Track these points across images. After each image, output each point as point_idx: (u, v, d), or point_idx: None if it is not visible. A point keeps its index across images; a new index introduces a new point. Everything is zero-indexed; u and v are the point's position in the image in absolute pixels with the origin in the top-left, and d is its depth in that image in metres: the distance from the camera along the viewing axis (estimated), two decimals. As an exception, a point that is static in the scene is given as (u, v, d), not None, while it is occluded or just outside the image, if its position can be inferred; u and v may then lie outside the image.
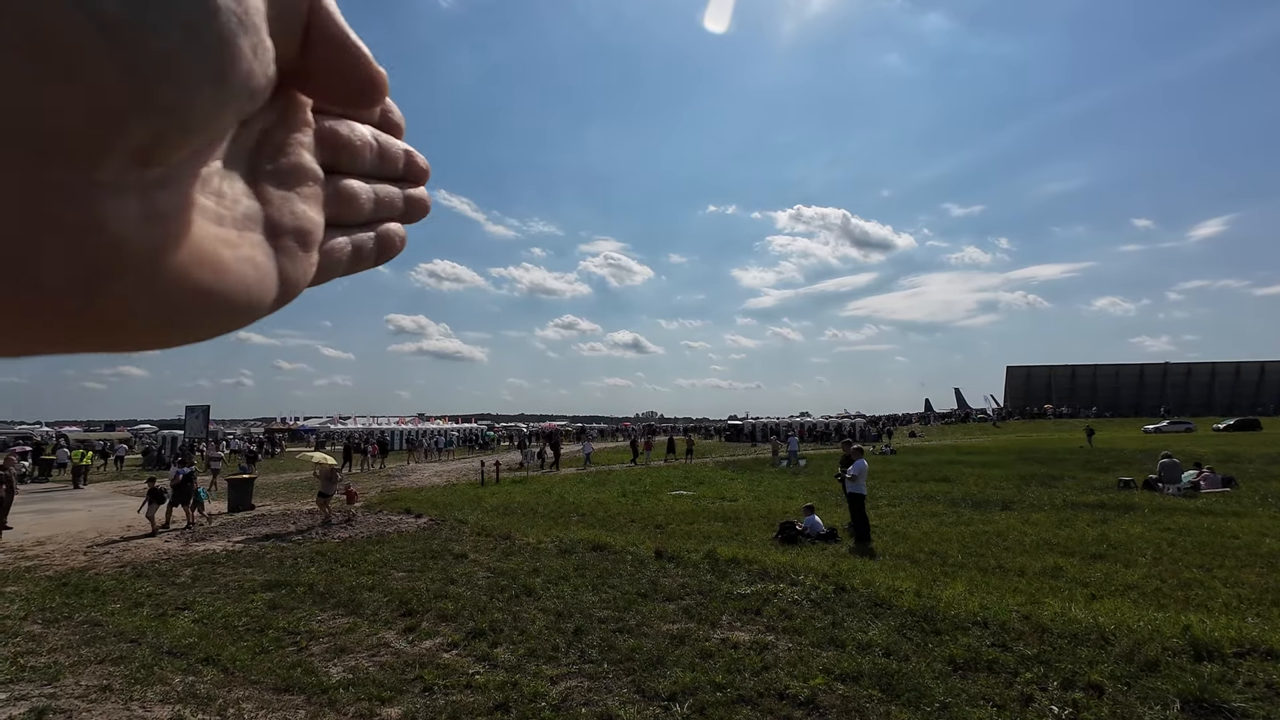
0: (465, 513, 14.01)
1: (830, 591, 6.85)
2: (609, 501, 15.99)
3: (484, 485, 20.08)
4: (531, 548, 10.14)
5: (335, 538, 11.54)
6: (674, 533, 11.26)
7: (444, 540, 10.91)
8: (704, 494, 17.35)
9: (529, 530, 11.65)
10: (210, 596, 7.64)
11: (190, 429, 35.03)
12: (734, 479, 21.32)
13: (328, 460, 15.26)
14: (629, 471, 25.12)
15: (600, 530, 11.70)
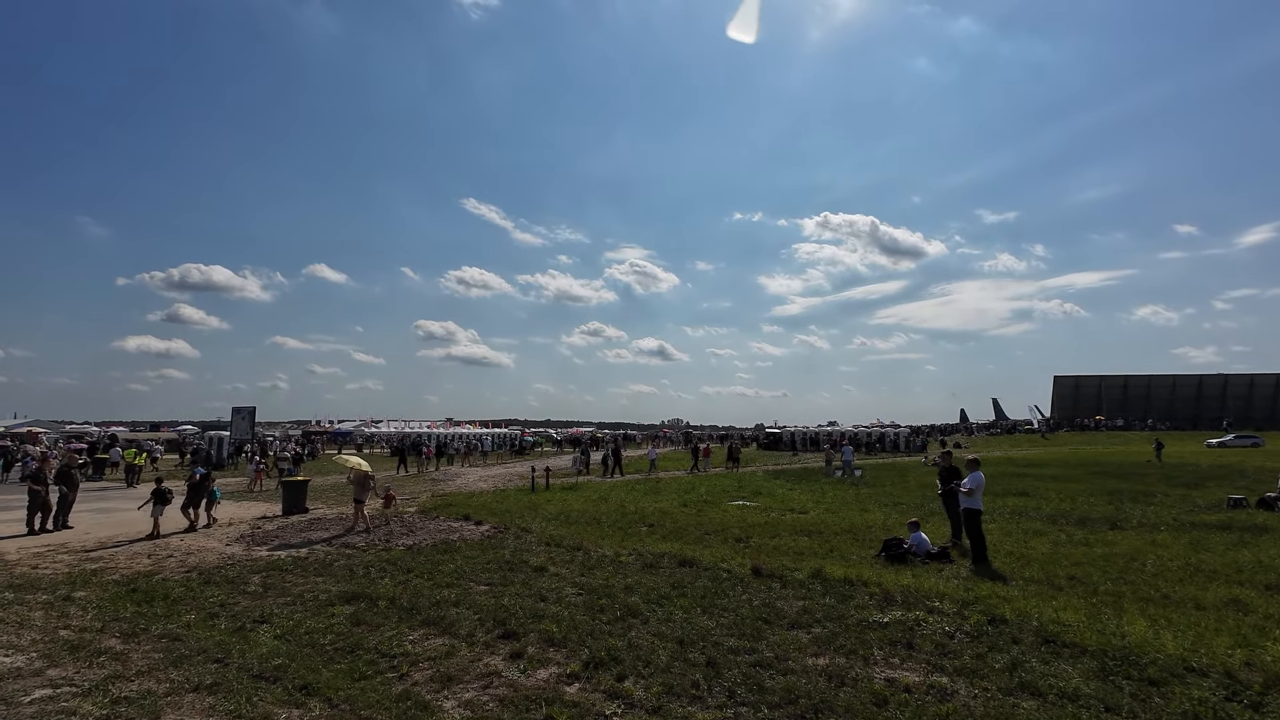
0: (526, 520, 13.43)
1: (983, 622, 6.00)
2: (672, 511, 15.25)
3: (535, 491, 19.52)
4: (610, 560, 9.47)
5: (400, 545, 11.02)
6: (760, 548, 10.46)
7: (514, 550, 10.31)
8: (768, 504, 16.50)
9: (601, 541, 10.99)
10: (286, 608, 7.11)
11: (236, 430, 35.32)
12: (792, 489, 20.39)
13: (362, 465, 14.81)
14: (681, 479, 24.33)
15: (675, 542, 10.98)
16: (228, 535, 12.61)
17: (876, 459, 38.55)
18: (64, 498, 13.67)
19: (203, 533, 13.06)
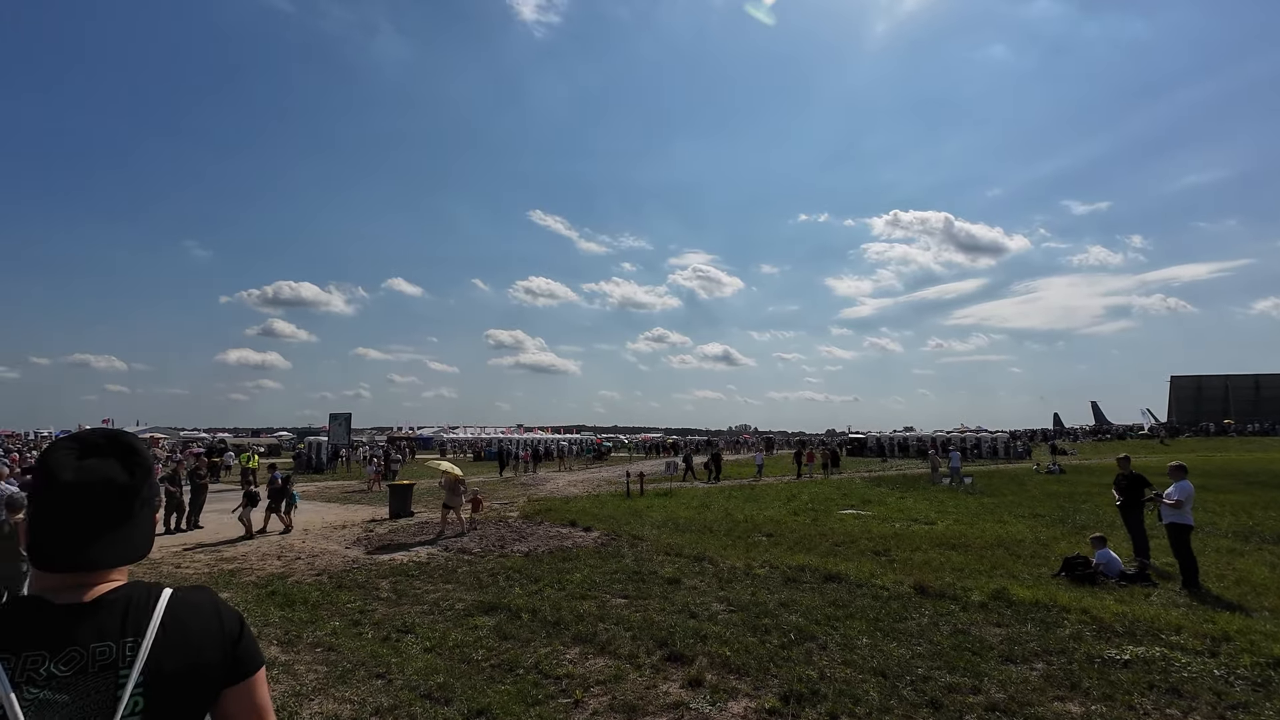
0: (634, 527, 12.90)
1: (1263, 665, 4.89)
2: (784, 520, 14.35)
3: (630, 497, 19.04)
4: (744, 573, 8.75)
5: (515, 551, 10.71)
6: (907, 563, 9.47)
7: (635, 559, 9.78)
8: (884, 514, 15.30)
9: (724, 551, 10.29)
10: (426, 618, 6.80)
11: (334, 435, 36.94)
12: (903, 497, 18.99)
13: (454, 470, 14.66)
14: (777, 485, 23.27)
15: (806, 554, 10.13)
16: (345, 538, 12.73)
17: (977, 465, 35.91)
18: (195, 499, 14.27)
19: (317, 534, 13.27)
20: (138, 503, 1.11)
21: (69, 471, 1.05)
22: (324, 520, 15.28)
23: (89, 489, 1.05)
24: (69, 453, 1.08)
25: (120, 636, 1.03)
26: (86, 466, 1.07)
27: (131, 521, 1.09)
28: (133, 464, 1.11)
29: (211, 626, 1.12)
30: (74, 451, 1.09)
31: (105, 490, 1.06)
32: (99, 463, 1.08)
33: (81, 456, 1.08)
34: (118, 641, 1.02)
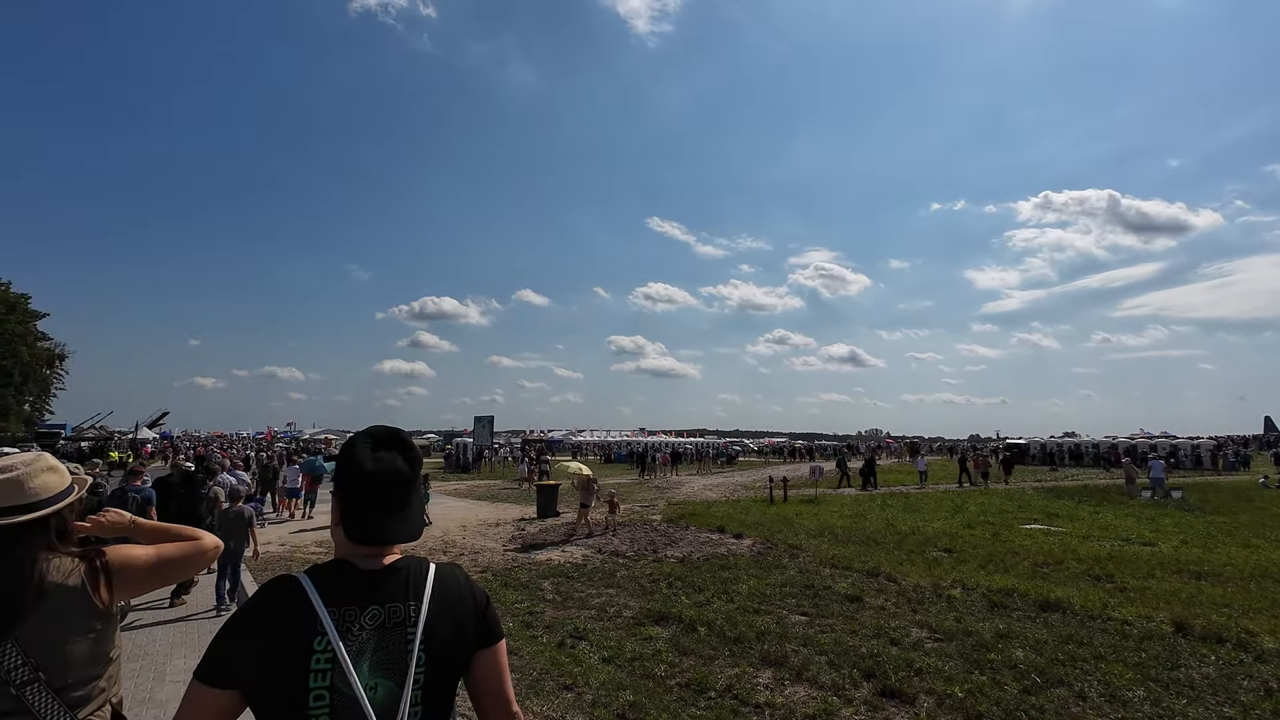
0: (789, 536, 12.07)
1: None
2: (959, 533, 12.79)
3: (773, 503, 18.10)
4: (933, 593, 7.69)
5: (669, 556, 10.33)
6: (1141, 591, 7.87)
7: (800, 571, 9.01)
8: (1082, 530, 13.18)
9: (900, 567, 9.20)
10: (595, 624, 6.53)
11: (478, 437, 39.27)
12: (1097, 512, 16.38)
13: (584, 470, 14.46)
14: (937, 494, 21.14)
15: (1001, 575, 8.78)
16: (500, 535, 13.08)
17: (1178, 477, 30.57)
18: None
19: (475, 530, 13.74)
20: (414, 489, 1.27)
21: (369, 462, 1.22)
22: (478, 518, 15.91)
23: (383, 477, 1.22)
24: (365, 446, 1.25)
25: (406, 599, 1.20)
26: (380, 458, 1.24)
27: (410, 505, 1.26)
28: (410, 456, 1.27)
29: (465, 597, 1.28)
30: (369, 445, 1.26)
31: (394, 478, 1.23)
32: (387, 455, 1.25)
33: (374, 449, 1.25)
34: (404, 603, 1.20)
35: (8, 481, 1.50)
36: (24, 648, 1.40)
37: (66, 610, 1.47)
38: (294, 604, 1.15)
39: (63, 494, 1.58)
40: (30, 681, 1.39)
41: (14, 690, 1.38)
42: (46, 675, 1.41)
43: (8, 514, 1.47)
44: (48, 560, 1.49)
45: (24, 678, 1.39)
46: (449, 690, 1.23)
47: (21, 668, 1.39)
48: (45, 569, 1.48)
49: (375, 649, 1.14)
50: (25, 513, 1.48)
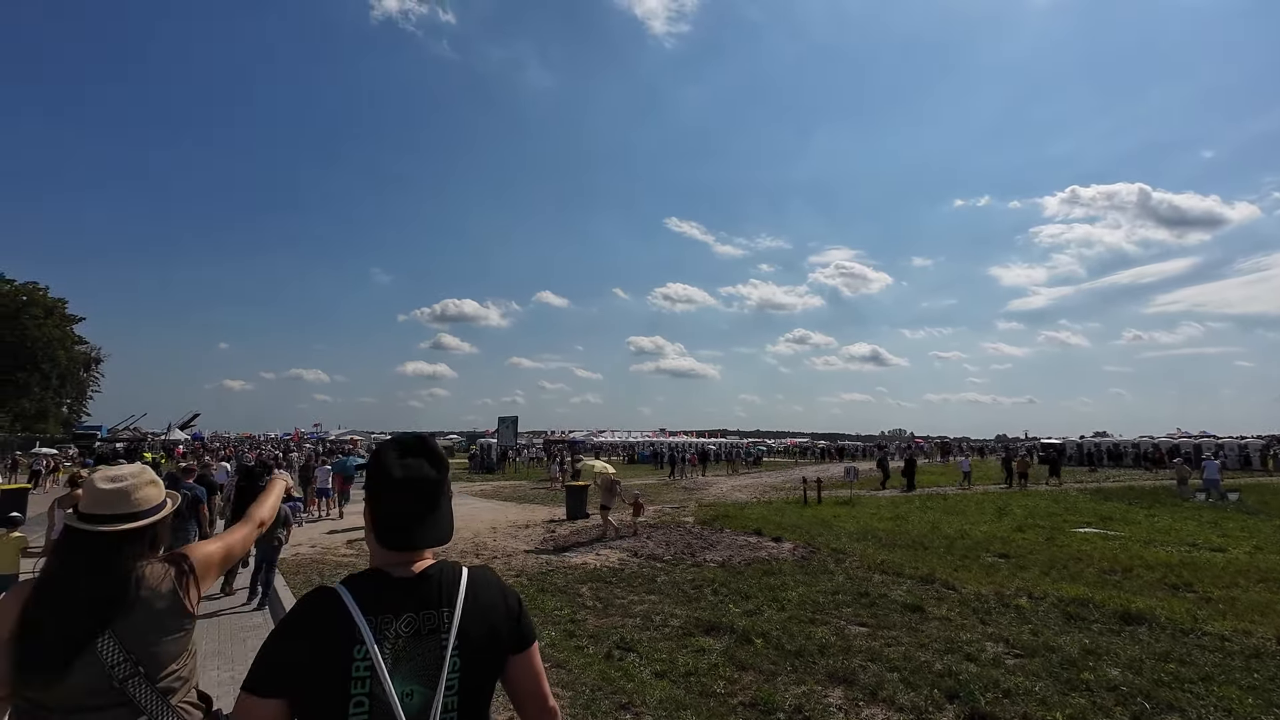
0: (830, 539, 11.60)
1: None
2: (1008, 536, 12.20)
3: (807, 504, 17.58)
4: (997, 602, 7.20)
5: (709, 560, 9.92)
6: (1229, 603, 7.28)
7: (849, 578, 8.55)
8: (1142, 535, 12.47)
9: (958, 574, 8.69)
10: (642, 633, 6.16)
11: (502, 438, 39.21)
12: (1152, 515, 15.58)
13: (608, 470, 14.02)
14: (976, 496, 20.40)
15: (1066, 582, 8.24)
16: (531, 537, 12.79)
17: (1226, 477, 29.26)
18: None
19: (504, 532, 13.46)
20: (442, 494, 1.29)
21: (398, 469, 1.24)
22: (507, 519, 15.66)
23: (412, 484, 1.23)
24: (393, 454, 1.27)
25: (439, 606, 1.22)
26: (408, 465, 1.25)
27: (440, 509, 1.28)
28: (437, 462, 1.29)
29: (499, 601, 1.30)
30: (396, 453, 1.28)
31: (422, 484, 1.25)
32: (415, 461, 1.27)
33: (401, 457, 1.27)
34: (438, 610, 1.22)
35: (117, 491, 1.62)
36: (125, 646, 1.54)
37: (161, 613, 1.60)
38: (334, 614, 1.17)
39: (160, 507, 1.71)
40: (131, 676, 1.53)
41: (117, 684, 1.51)
42: (145, 670, 1.55)
43: (114, 521, 1.59)
44: (143, 567, 1.62)
45: (126, 673, 1.52)
46: (484, 694, 1.25)
47: (124, 664, 1.52)
48: (142, 575, 1.60)
49: (410, 656, 1.17)
50: (129, 521, 1.61)
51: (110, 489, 1.62)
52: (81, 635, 1.51)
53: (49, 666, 1.48)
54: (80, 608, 1.53)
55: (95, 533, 1.58)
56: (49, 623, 1.50)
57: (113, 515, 1.60)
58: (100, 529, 1.58)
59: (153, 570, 1.63)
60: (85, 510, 1.61)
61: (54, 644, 1.49)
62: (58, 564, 1.60)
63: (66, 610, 1.52)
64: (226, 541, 1.87)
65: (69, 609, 1.52)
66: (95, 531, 1.58)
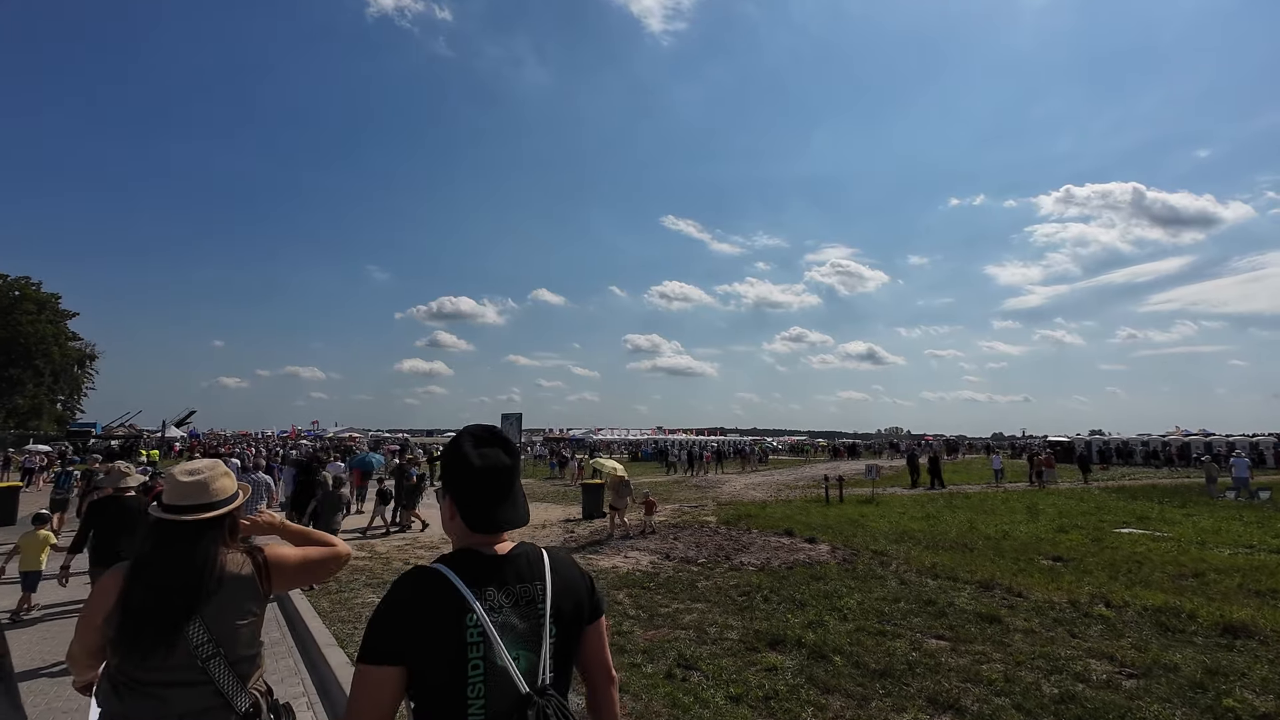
0: (867, 540, 11.03)
1: None
2: (1050, 537, 11.65)
3: (829, 503, 17.01)
4: (1077, 612, 6.63)
5: (745, 564, 9.33)
6: (1328, 610, 6.70)
7: (903, 583, 7.99)
8: (1189, 535, 11.93)
9: (1019, 579, 8.12)
10: (700, 648, 5.56)
11: (505, 434, 38.36)
12: (1190, 515, 15.04)
13: (618, 469, 13.37)
14: (1001, 494, 19.85)
15: (1135, 587, 7.69)
16: (549, 538, 12.20)
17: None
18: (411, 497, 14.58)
19: (519, 533, 12.84)
20: (516, 479, 1.37)
21: (477, 459, 1.31)
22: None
23: (490, 472, 1.31)
24: (470, 445, 1.34)
25: (532, 580, 1.32)
26: (484, 454, 1.33)
27: (515, 493, 1.37)
28: (510, 450, 1.37)
29: (576, 576, 1.42)
30: (472, 443, 1.34)
31: (499, 471, 1.32)
32: (490, 451, 1.34)
33: (477, 447, 1.34)
34: (531, 583, 1.31)
35: (196, 483, 1.79)
36: (208, 626, 1.70)
37: (239, 596, 1.76)
38: (441, 586, 1.24)
39: (234, 497, 1.86)
40: (214, 655, 1.68)
41: (200, 663, 1.67)
42: (224, 650, 1.71)
43: (195, 510, 1.77)
44: (224, 554, 1.79)
45: (209, 652, 1.68)
46: (572, 658, 1.37)
47: (207, 643, 1.68)
48: (224, 561, 1.77)
49: (514, 624, 1.25)
50: (208, 510, 1.78)
51: (190, 481, 1.78)
52: (176, 616, 1.66)
53: (148, 644, 1.63)
54: (173, 590, 1.68)
55: (180, 521, 1.74)
56: (146, 604, 1.65)
57: (193, 505, 1.75)
58: (184, 518, 1.74)
59: (232, 558, 1.78)
60: (168, 502, 1.76)
61: (151, 623, 1.64)
62: (149, 549, 1.75)
63: (161, 592, 1.67)
64: (305, 554, 1.94)
65: (163, 591, 1.67)
66: (180, 521, 1.74)
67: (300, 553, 1.93)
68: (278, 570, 1.85)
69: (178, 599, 1.67)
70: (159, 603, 1.65)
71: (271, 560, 1.84)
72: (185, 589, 1.68)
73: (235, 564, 1.78)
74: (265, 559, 1.83)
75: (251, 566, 1.80)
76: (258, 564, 1.82)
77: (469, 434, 1.36)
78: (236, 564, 1.78)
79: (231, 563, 1.77)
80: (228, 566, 1.75)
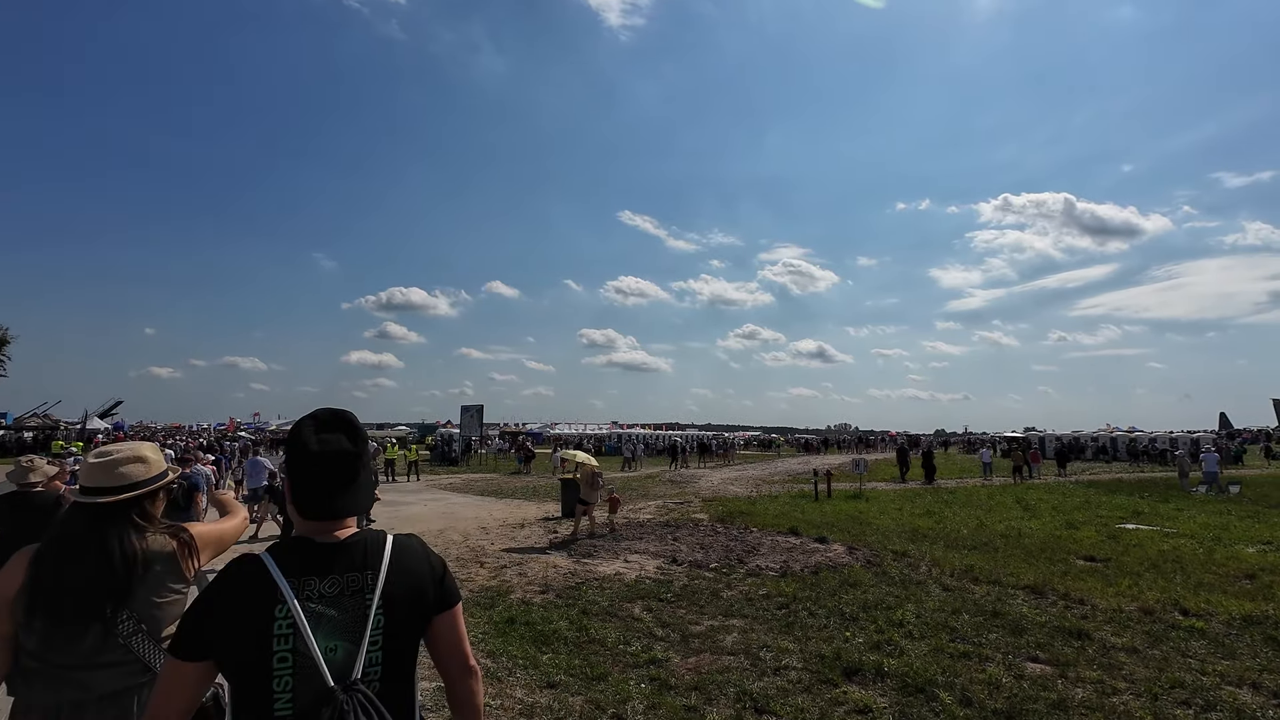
0: (878, 539, 10.29)
1: None
2: (1066, 534, 11.11)
3: (817, 499, 16.26)
4: (1162, 620, 5.89)
5: (763, 568, 8.34)
6: None
7: (947, 589, 7.18)
8: (1191, 531, 11.60)
9: (1066, 582, 7.40)
10: (759, 682, 4.50)
11: (466, 428, 36.51)
12: (1178, 509, 14.89)
13: (590, 461, 12.18)
14: (989, 489, 19.52)
15: (1196, 589, 7.07)
16: (530, 539, 10.95)
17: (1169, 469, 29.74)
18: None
19: (498, 533, 11.58)
20: (360, 466, 1.32)
21: (314, 443, 1.28)
22: (493, 516, 13.74)
23: (328, 456, 1.27)
24: (310, 429, 1.30)
25: (364, 569, 1.27)
26: (324, 439, 1.29)
27: (358, 481, 1.32)
28: (354, 435, 1.32)
29: (423, 565, 1.35)
30: (313, 427, 1.31)
31: (339, 457, 1.28)
32: (331, 436, 1.30)
33: (318, 431, 1.30)
34: (362, 572, 1.27)
35: (98, 466, 1.78)
36: (129, 606, 1.70)
37: (163, 575, 1.77)
38: (255, 577, 1.21)
39: (145, 482, 1.82)
40: (136, 633, 1.69)
41: (122, 640, 1.67)
42: (148, 628, 1.71)
43: (96, 494, 1.75)
44: (147, 536, 1.78)
45: (130, 629, 1.68)
46: (409, 652, 1.30)
47: (128, 621, 1.68)
48: (147, 542, 1.76)
49: (333, 614, 1.21)
50: (109, 495, 1.75)
51: (98, 463, 1.78)
52: (88, 600, 1.66)
53: (60, 628, 1.64)
54: (82, 574, 1.68)
55: (91, 504, 1.75)
56: (52, 587, 1.66)
57: (104, 488, 1.75)
58: (96, 500, 1.74)
59: (155, 538, 1.79)
60: (81, 484, 1.79)
61: (60, 607, 1.65)
62: (60, 531, 1.75)
63: (73, 573, 1.68)
64: (222, 530, 2.02)
65: (74, 572, 1.68)
66: (91, 504, 1.75)
67: (218, 527, 2.01)
68: (202, 546, 1.88)
69: (88, 582, 1.66)
70: (66, 586, 1.65)
71: (197, 537, 1.87)
72: (97, 572, 1.67)
73: (158, 544, 1.79)
74: (190, 536, 1.85)
75: (175, 545, 1.81)
76: (181, 542, 1.83)
77: (312, 417, 1.34)
78: (159, 544, 1.79)
79: (155, 543, 1.78)
80: (149, 546, 1.76)
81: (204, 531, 1.92)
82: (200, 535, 1.89)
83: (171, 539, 1.81)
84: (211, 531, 1.96)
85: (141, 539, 1.74)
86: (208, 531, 1.94)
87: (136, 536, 1.73)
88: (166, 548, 1.79)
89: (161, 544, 1.79)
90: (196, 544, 1.85)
